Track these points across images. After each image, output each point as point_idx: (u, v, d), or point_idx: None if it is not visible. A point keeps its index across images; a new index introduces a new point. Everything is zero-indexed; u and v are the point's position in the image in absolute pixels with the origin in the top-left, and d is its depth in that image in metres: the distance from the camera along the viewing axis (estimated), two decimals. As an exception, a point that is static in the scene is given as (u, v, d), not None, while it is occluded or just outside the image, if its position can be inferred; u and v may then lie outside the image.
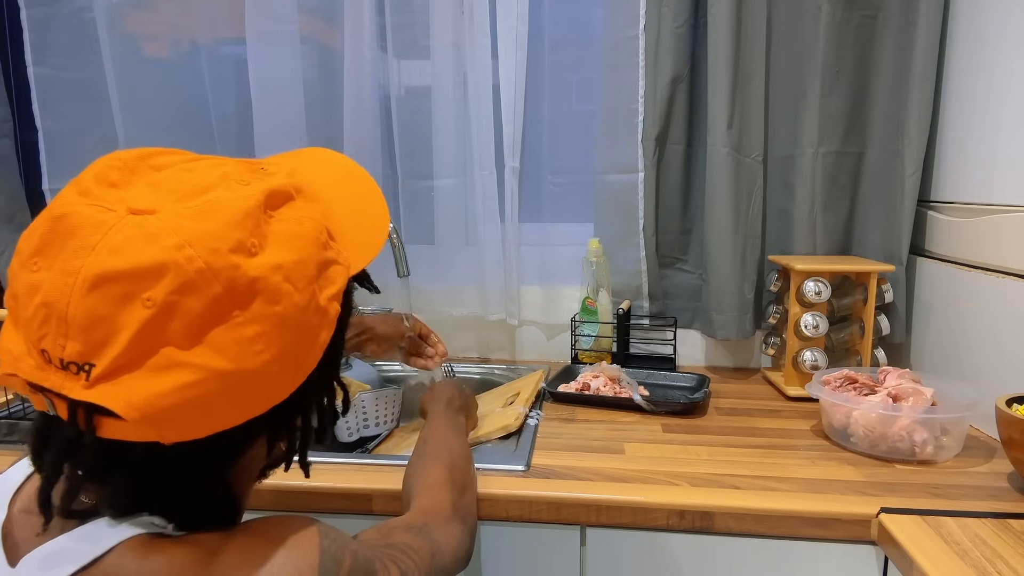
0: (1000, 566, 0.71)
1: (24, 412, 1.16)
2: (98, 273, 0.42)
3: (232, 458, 0.52)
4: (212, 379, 0.44)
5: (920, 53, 1.21)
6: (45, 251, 0.44)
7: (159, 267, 0.42)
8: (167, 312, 0.42)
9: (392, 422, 1.25)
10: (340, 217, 0.55)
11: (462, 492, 0.78)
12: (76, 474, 0.46)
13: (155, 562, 0.45)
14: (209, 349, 0.43)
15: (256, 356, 0.45)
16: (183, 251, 0.43)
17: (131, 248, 0.42)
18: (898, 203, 1.26)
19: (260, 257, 0.46)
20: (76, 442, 0.45)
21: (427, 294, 1.49)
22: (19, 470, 0.54)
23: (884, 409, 0.97)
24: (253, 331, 0.45)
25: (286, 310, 0.46)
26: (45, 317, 0.43)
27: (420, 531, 0.66)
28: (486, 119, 1.38)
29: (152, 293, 0.42)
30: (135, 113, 1.46)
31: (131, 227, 0.43)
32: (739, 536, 0.86)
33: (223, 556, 0.46)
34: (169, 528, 0.48)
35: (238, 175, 0.49)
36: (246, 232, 0.45)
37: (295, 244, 0.48)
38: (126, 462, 0.46)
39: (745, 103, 1.30)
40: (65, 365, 0.42)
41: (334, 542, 0.51)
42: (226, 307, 0.44)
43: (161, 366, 0.43)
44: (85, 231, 0.43)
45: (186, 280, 0.43)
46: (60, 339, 0.42)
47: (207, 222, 0.45)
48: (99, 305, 0.42)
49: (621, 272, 1.43)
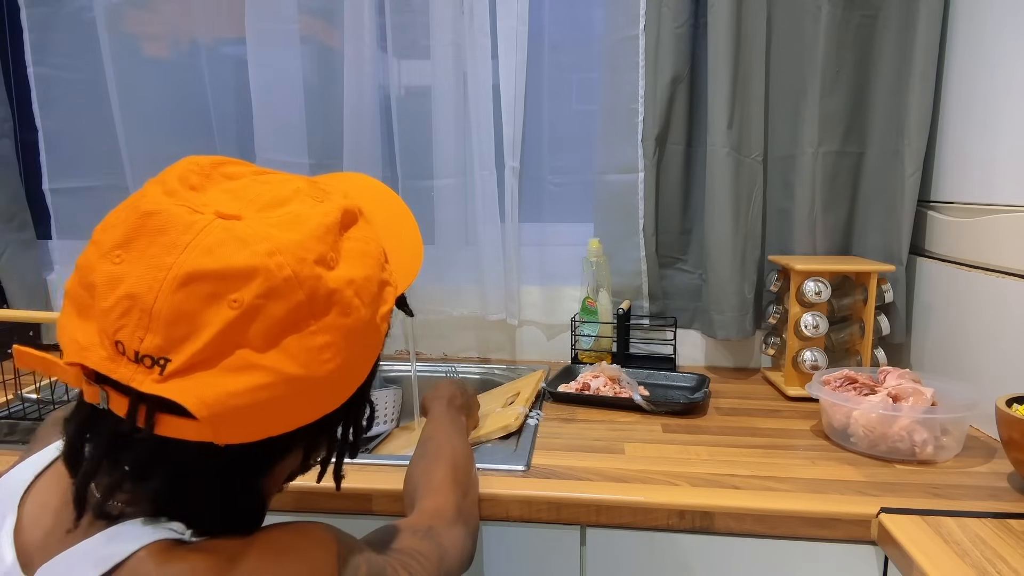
0: (1000, 566, 0.71)
1: (24, 412, 1.16)
2: (190, 271, 0.43)
3: (271, 464, 0.53)
4: (281, 383, 0.45)
5: (920, 53, 1.21)
6: (131, 245, 0.45)
7: (250, 271, 0.44)
8: (251, 314, 0.44)
9: (392, 422, 1.26)
10: (385, 241, 0.57)
11: (465, 494, 0.79)
12: (119, 470, 0.47)
13: (175, 568, 0.45)
14: (283, 354, 0.45)
15: (323, 365, 0.47)
16: (273, 258, 0.44)
17: (224, 250, 0.44)
18: (898, 203, 1.26)
19: (337, 271, 0.48)
20: (126, 438, 0.45)
21: (427, 294, 1.49)
22: (23, 472, 0.54)
23: (884, 409, 0.97)
24: (324, 340, 0.46)
25: (354, 323, 0.48)
26: (127, 309, 0.43)
27: (427, 535, 0.66)
28: (486, 119, 1.38)
29: (240, 295, 0.43)
30: (135, 113, 1.46)
31: (222, 230, 0.45)
32: (739, 536, 0.86)
33: (242, 564, 0.47)
34: (187, 535, 0.48)
35: (311, 192, 0.51)
36: (327, 246, 0.48)
37: (365, 262, 0.51)
38: (172, 461, 0.47)
39: (745, 103, 1.30)
40: (140, 358, 0.43)
41: (351, 550, 0.52)
42: (304, 315, 0.46)
43: (235, 367, 0.44)
44: (176, 230, 0.44)
45: (274, 285, 0.44)
46: (140, 331, 0.43)
47: (294, 233, 0.46)
48: (187, 302, 0.43)
49: (621, 272, 1.43)
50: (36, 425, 1.10)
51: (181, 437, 0.44)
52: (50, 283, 1.59)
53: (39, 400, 1.20)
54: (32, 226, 1.57)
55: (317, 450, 0.56)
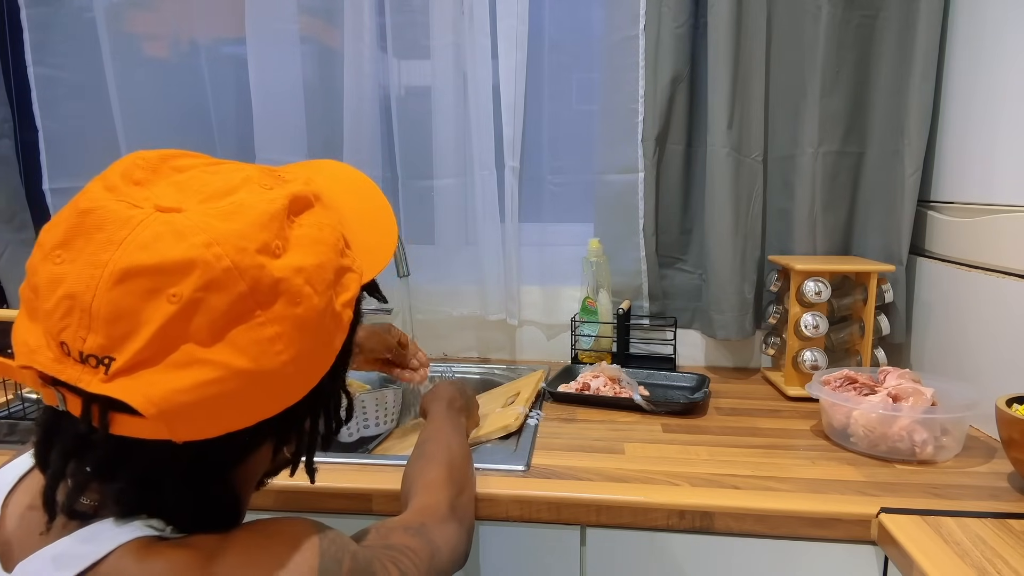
0: (1000, 566, 0.71)
1: (24, 412, 1.16)
2: (125, 267, 0.42)
3: (238, 460, 0.52)
4: (231, 377, 0.44)
5: (920, 53, 1.21)
6: (70, 244, 0.44)
7: (187, 263, 0.43)
8: (192, 308, 0.43)
9: (392, 422, 1.26)
10: (353, 227, 0.56)
11: (460, 492, 0.78)
12: (83, 472, 0.46)
13: (154, 565, 0.45)
14: (230, 347, 0.44)
15: (275, 356, 0.46)
16: (211, 249, 0.43)
17: (160, 244, 0.43)
18: (898, 203, 1.26)
19: (283, 259, 0.47)
20: (85, 439, 0.45)
21: (427, 294, 1.49)
22: (9, 472, 0.54)
23: (884, 409, 0.97)
24: (273, 331, 0.45)
25: (306, 312, 0.47)
26: (68, 309, 0.43)
27: (418, 531, 0.66)
28: (486, 119, 1.38)
29: (178, 289, 0.42)
30: (135, 113, 1.46)
31: (159, 224, 0.44)
32: (739, 536, 0.86)
33: (222, 558, 0.46)
34: (168, 531, 0.48)
35: (260, 180, 0.50)
36: (271, 234, 0.46)
37: (316, 249, 0.49)
38: (134, 460, 0.46)
39: (745, 103, 1.30)
40: (84, 358, 0.43)
41: (333, 543, 0.51)
42: (249, 306, 0.44)
43: (181, 362, 0.43)
44: (113, 226, 0.44)
45: (213, 277, 0.43)
46: (82, 331, 0.42)
47: (234, 222, 0.45)
48: (124, 299, 0.42)
49: (621, 272, 1.43)
50: (36, 425, 1.10)
51: (137, 436, 0.44)
52: (50, 283, 1.59)
53: (39, 400, 1.20)
54: (32, 226, 1.56)
55: (288, 443, 0.55)
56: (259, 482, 0.58)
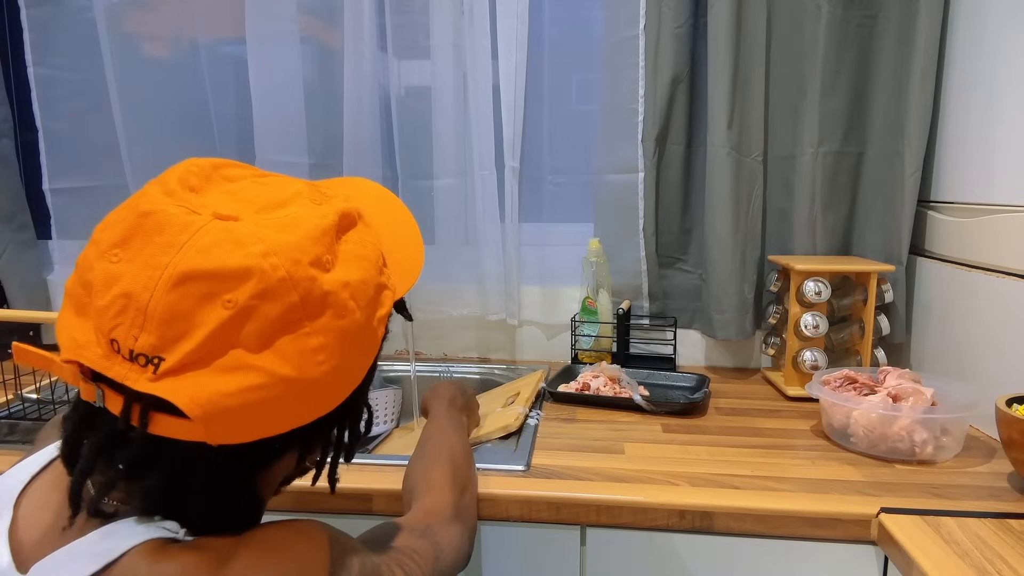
0: (1000, 566, 0.71)
1: (24, 412, 1.16)
2: (185, 271, 0.43)
3: (266, 465, 0.53)
4: (274, 384, 0.45)
5: (920, 53, 1.21)
6: (128, 244, 0.45)
7: (245, 271, 0.44)
8: (245, 315, 0.44)
9: (392, 422, 1.26)
10: (386, 245, 0.57)
11: (463, 492, 0.79)
12: (113, 469, 0.47)
13: (167, 567, 0.45)
14: (276, 355, 0.45)
15: (317, 367, 0.47)
16: (268, 259, 0.45)
17: (219, 250, 0.44)
18: (898, 203, 1.26)
19: (332, 273, 0.48)
20: (120, 436, 0.45)
21: (427, 294, 1.49)
22: (21, 472, 0.54)
23: (884, 409, 0.97)
24: (318, 342, 0.47)
25: (348, 326, 0.48)
26: (122, 307, 0.43)
27: (423, 533, 0.66)
28: (486, 119, 1.38)
29: (234, 295, 0.44)
30: (135, 113, 1.46)
31: (218, 231, 0.45)
32: (739, 536, 0.86)
33: (234, 562, 0.47)
34: (181, 534, 0.48)
35: (310, 195, 0.52)
36: (323, 248, 0.48)
37: (361, 265, 0.51)
38: (166, 460, 0.47)
39: (745, 103, 1.30)
40: (134, 356, 0.43)
41: (343, 548, 0.52)
42: (298, 316, 0.46)
43: (228, 367, 0.44)
44: (173, 229, 0.45)
45: (268, 286, 0.44)
46: (135, 330, 0.43)
47: (290, 234, 0.47)
48: (181, 301, 0.43)
49: (621, 272, 1.43)
50: (36, 425, 1.10)
51: (174, 436, 0.44)
52: (50, 283, 1.59)
53: (39, 400, 1.20)
54: (32, 226, 1.57)
55: (312, 452, 0.56)
56: (278, 487, 0.59)
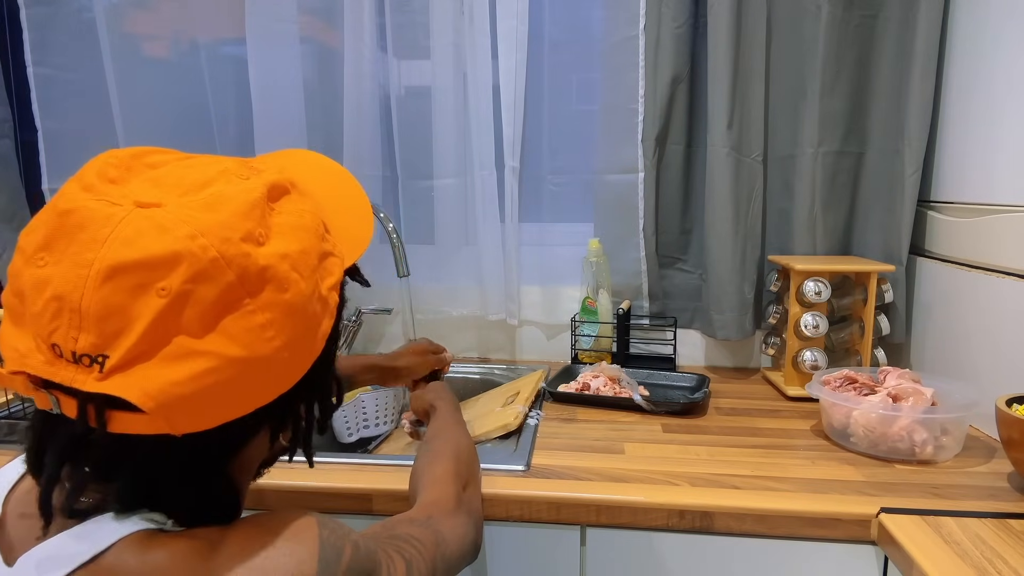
0: (1000, 566, 0.71)
1: (24, 412, 1.16)
2: (112, 264, 0.42)
3: (236, 449, 0.52)
4: (226, 367, 0.44)
5: (920, 53, 1.21)
6: (52, 246, 0.44)
7: (173, 256, 0.43)
8: (181, 301, 0.43)
9: (392, 422, 1.26)
10: (329, 213, 0.56)
11: (467, 485, 0.79)
12: (81, 473, 0.46)
13: (156, 556, 0.45)
14: (222, 337, 0.44)
15: (267, 343, 0.46)
16: (196, 240, 0.44)
17: (144, 239, 0.43)
18: (898, 203, 1.26)
19: (267, 247, 0.47)
20: (82, 439, 0.45)
21: (427, 294, 1.49)
22: (12, 470, 0.54)
23: (884, 409, 0.97)
24: (264, 318, 0.46)
25: (294, 298, 0.47)
26: (57, 311, 0.43)
27: (424, 523, 0.66)
28: (486, 119, 1.38)
29: (167, 282, 0.43)
30: (135, 113, 1.46)
31: (141, 219, 0.44)
32: (739, 536, 0.86)
33: (224, 547, 0.47)
34: (168, 524, 0.48)
35: (237, 171, 0.50)
36: (253, 222, 0.47)
37: (298, 235, 0.50)
38: (133, 457, 0.46)
39: (745, 103, 1.30)
40: (78, 358, 0.43)
41: (333, 532, 0.52)
42: (238, 295, 0.45)
43: (175, 355, 0.43)
44: (95, 224, 0.44)
45: (200, 269, 0.43)
46: (73, 332, 0.42)
47: (216, 213, 0.46)
48: (113, 296, 0.42)
49: (621, 272, 1.43)
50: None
51: (136, 432, 0.44)
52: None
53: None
54: (32, 226, 1.56)
55: (284, 431, 0.55)
56: (256, 472, 0.59)
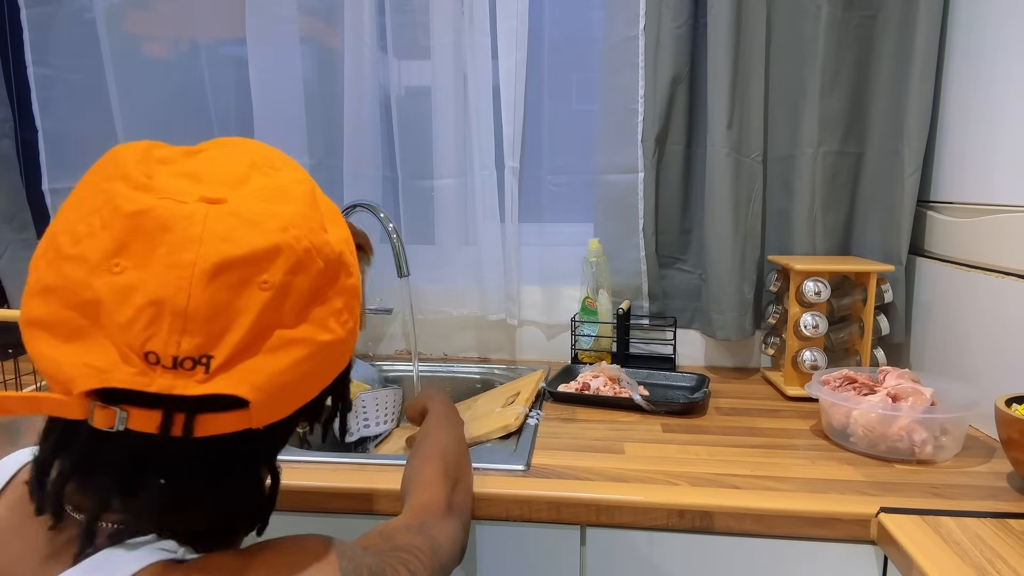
0: (1000, 566, 0.71)
1: (24, 412, 1.16)
2: (216, 262, 0.42)
3: (286, 440, 0.53)
4: (317, 353, 0.46)
5: (920, 53, 1.21)
6: (128, 250, 0.42)
7: (274, 249, 0.44)
8: (283, 292, 0.44)
9: (392, 422, 1.26)
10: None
11: (455, 486, 0.79)
12: (154, 486, 0.45)
13: None
14: (312, 324, 0.46)
15: (343, 326, 0.48)
16: (289, 232, 0.44)
17: (239, 234, 0.43)
18: (898, 203, 1.26)
19: (331, 234, 0.48)
20: (155, 452, 0.44)
21: (427, 294, 1.49)
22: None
23: (884, 409, 0.97)
24: (341, 303, 0.48)
25: (356, 282, 0.50)
26: (154, 316, 0.41)
27: (420, 530, 0.66)
28: (486, 119, 1.38)
29: (268, 275, 0.43)
30: (135, 113, 1.46)
31: (224, 215, 0.43)
32: (739, 536, 0.86)
33: None
34: (180, 552, 0.47)
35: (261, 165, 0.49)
36: (319, 213, 0.48)
37: (339, 220, 0.51)
38: (210, 461, 0.46)
39: (745, 103, 1.30)
40: (178, 363, 0.41)
41: (351, 560, 0.51)
42: (324, 282, 0.46)
43: (276, 346, 0.44)
44: (179, 224, 0.42)
45: (296, 260, 0.44)
46: (175, 336, 0.41)
47: (290, 204, 0.46)
48: (219, 294, 0.42)
49: (621, 272, 1.43)
50: (36, 425, 1.10)
51: (220, 432, 0.44)
52: (50, 283, 1.59)
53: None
54: (32, 226, 1.56)
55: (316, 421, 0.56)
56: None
